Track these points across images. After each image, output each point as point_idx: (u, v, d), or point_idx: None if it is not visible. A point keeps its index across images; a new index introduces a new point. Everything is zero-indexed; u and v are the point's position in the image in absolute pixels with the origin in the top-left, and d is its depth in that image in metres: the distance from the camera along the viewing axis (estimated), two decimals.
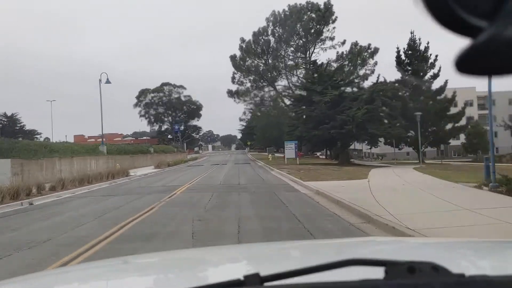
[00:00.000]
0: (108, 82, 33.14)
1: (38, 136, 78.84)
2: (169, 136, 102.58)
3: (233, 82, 52.17)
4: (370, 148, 36.00)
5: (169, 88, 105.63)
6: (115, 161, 33.58)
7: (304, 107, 32.98)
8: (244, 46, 52.05)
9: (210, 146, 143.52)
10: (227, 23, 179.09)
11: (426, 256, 1.11)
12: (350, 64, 48.09)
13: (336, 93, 31.50)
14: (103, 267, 1.64)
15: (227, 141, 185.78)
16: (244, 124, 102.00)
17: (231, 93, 53.52)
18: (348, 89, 34.18)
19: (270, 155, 46.02)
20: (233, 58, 51.18)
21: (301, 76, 53.15)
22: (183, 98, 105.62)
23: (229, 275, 0.79)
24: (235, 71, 51.32)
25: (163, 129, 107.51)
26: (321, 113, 31.42)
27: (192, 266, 1.57)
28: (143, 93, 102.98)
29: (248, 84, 53.97)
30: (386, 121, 32.67)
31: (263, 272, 0.76)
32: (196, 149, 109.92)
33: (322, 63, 34.52)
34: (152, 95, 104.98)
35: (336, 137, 32.62)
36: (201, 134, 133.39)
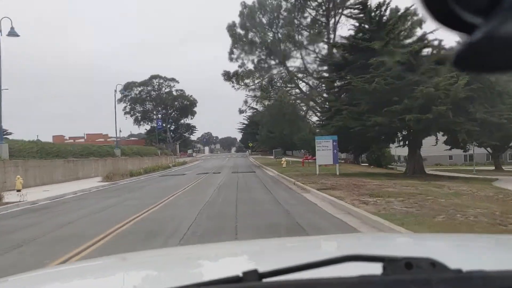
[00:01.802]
0: (13, 33, 19.26)
1: (8, 136, 65.58)
2: (161, 137, 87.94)
3: (230, 59, 37.94)
4: (451, 148, 21.91)
5: (159, 81, 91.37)
6: (24, 169, 19.60)
7: (348, 78, 18.92)
8: (246, 12, 38.03)
9: (206, 149, 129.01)
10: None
11: (423, 252, 1.01)
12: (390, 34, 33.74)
13: (410, 49, 17.55)
14: (101, 264, 1.61)
15: (227, 143, 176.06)
16: (246, 119, 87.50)
17: (228, 76, 39.28)
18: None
19: (283, 159, 31.91)
20: (231, 27, 37.08)
21: (321, 53, 39.20)
22: (174, 93, 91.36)
23: (228, 271, 0.77)
24: (234, 44, 37.16)
25: (154, 128, 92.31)
26: (385, 84, 17.42)
27: (191, 262, 1.55)
28: (128, 86, 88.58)
29: (251, 65, 39.87)
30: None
31: (262, 268, 0.75)
32: (189, 151, 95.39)
33: (380, 3, 20.40)
34: (139, 89, 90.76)
35: (406, 127, 18.66)
36: (196, 134, 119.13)
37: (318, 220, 8.04)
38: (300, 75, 39.81)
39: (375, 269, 0.72)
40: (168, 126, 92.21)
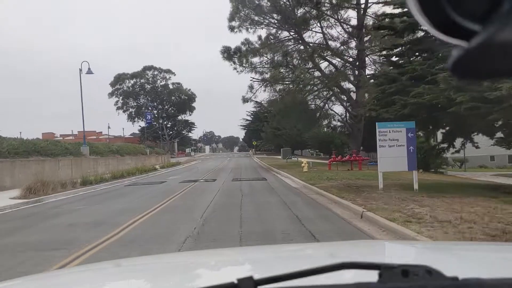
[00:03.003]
0: None
1: None
2: (158, 135, 79.27)
3: (231, 29, 29.16)
4: None
5: (153, 73, 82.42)
6: None
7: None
8: None
9: (207, 148, 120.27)
10: None
11: (420, 259, 0.99)
12: None
13: None
14: (95, 270, 1.57)
15: (230, 143, 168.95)
16: (250, 114, 78.69)
17: (228, 53, 30.59)
18: None
19: (304, 160, 23.25)
20: None
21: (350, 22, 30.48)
22: (171, 86, 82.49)
23: (223, 278, 0.77)
24: (236, 10, 28.47)
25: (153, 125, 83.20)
26: None
27: (186, 269, 1.51)
28: (119, 78, 79.90)
29: (256, 39, 31.25)
30: None
31: (257, 276, 0.74)
32: (187, 150, 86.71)
33: None
34: (132, 81, 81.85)
35: None
36: (197, 132, 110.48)
37: None
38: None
39: (372, 276, 0.71)
40: (165, 122, 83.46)
